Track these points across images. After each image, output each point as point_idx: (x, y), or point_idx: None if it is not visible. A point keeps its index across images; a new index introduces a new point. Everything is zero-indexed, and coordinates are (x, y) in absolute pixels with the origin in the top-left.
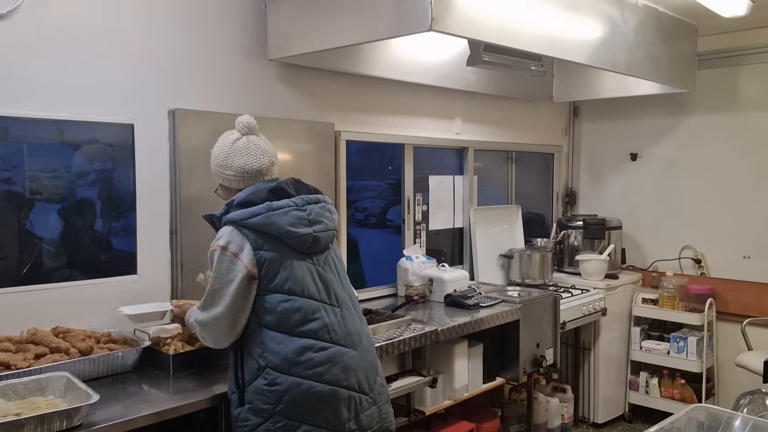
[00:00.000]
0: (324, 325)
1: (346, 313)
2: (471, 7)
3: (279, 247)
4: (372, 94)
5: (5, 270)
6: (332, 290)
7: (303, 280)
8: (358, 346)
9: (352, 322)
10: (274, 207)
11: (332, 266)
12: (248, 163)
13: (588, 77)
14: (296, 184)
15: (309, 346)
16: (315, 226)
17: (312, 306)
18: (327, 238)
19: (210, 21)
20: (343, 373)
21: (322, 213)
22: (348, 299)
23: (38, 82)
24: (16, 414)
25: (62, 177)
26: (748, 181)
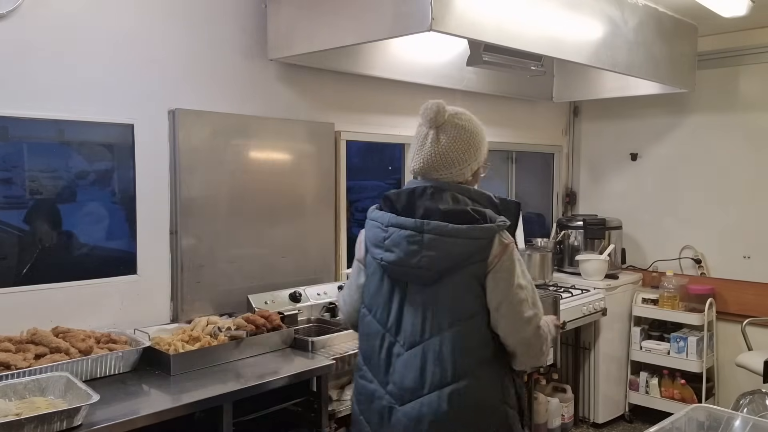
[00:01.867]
0: (372, 357)
1: (410, 360)
2: (471, 7)
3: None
4: (372, 94)
5: (5, 270)
6: (406, 326)
7: (377, 299)
8: (403, 402)
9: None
10: (372, 216)
11: (429, 303)
12: (412, 158)
13: (588, 77)
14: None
15: (359, 368)
16: (386, 254)
17: (372, 328)
18: (406, 274)
19: (210, 21)
20: (376, 417)
21: (402, 243)
22: (426, 351)
23: (38, 82)
24: (16, 414)
25: (62, 177)
26: (748, 181)
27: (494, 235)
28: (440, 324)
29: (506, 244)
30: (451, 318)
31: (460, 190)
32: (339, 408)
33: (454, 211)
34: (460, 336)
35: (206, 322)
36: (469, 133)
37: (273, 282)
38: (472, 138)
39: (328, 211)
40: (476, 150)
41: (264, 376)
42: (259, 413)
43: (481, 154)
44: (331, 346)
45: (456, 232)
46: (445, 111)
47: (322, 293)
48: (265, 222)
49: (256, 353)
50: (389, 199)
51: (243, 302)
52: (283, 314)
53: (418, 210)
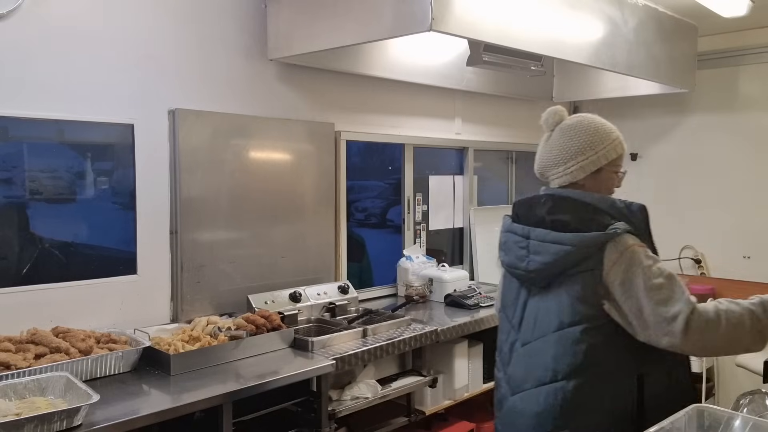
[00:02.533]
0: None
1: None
2: (471, 7)
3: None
4: (372, 94)
5: (5, 270)
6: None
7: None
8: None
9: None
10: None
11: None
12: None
13: (588, 77)
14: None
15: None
16: (504, 257)
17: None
18: (518, 276)
19: (210, 21)
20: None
21: (513, 247)
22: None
23: (38, 82)
24: (16, 414)
25: (62, 177)
26: (748, 181)
27: (604, 243)
28: (548, 326)
29: (622, 251)
30: (557, 321)
31: (578, 197)
32: (339, 408)
33: (563, 219)
34: (563, 340)
35: (206, 322)
36: (580, 131)
37: (273, 282)
38: (582, 136)
39: (328, 211)
40: (587, 148)
41: (264, 376)
42: (259, 413)
43: (598, 155)
44: (331, 346)
45: (559, 239)
46: (558, 114)
47: (322, 293)
48: (265, 222)
49: (256, 353)
50: (515, 205)
51: (243, 302)
52: (283, 314)
53: (532, 218)
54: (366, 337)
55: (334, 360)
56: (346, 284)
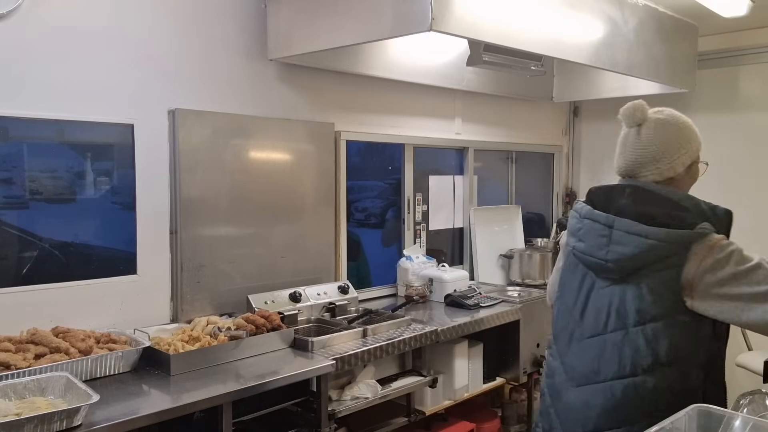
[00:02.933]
0: (559, 337)
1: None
2: (471, 7)
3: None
4: (372, 94)
5: (5, 270)
6: (591, 315)
7: (569, 285)
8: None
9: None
10: (574, 208)
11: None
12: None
13: (588, 77)
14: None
15: (549, 346)
16: (578, 243)
17: (561, 311)
18: (591, 264)
19: (210, 21)
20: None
21: (592, 235)
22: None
23: (38, 82)
24: (16, 414)
25: (62, 177)
26: (748, 181)
27: (690, 243)
28: (624, 321)
29: (711, 246)
30: (637, 317)
31: (662, 192)
32: (339, 408)
33: (649, 213)
34: (643, 335)
35: (206, 322)
36: (673, 125)
37: (273, 282)
38: (677, 130)
39: (328, 211)
40: (685, 142)
41: (264, 376)
42: (258, 413)
43: (693, 148)
44: (330, 346)
45: (645, 232)
46: (644, 108)
47: (322, 293)
48: (265, 222)
49: (256, 353)
50: (591, 193)
51: (243, 302)
52: (283, 314)
53: (613, 207)
54: (366, 337)
55: (334, 360)
56: (346, 284)
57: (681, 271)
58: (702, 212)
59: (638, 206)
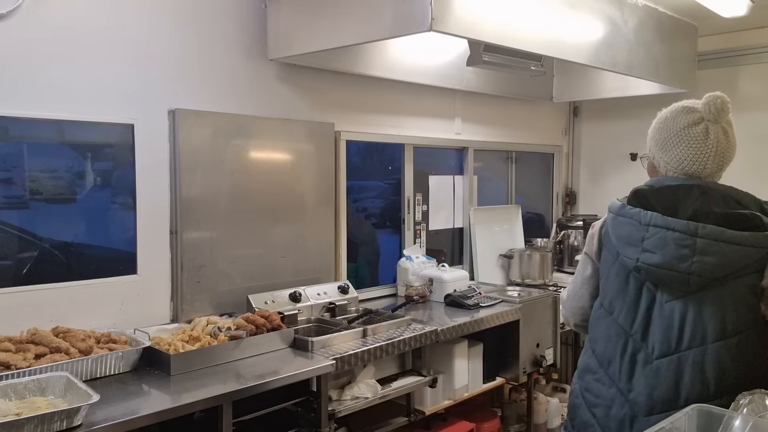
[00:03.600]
0: (612, 359)
1: (661, 369)
2: (471, 7)
3: (617, 255)
4: (372, 94)
5: (5, 270)
6: (657, 334)
7: (621, 299)
8: (649, 413)
9: (664, 385)
10: (621, 212)
11: (691, 311)
12: (688, 159)
13: (588, 77)
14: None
15: (591, 370)
16: (645, 255)
17: (613, 331)
18: (668, 277)
19: (210, 21)
20: (614, 423)
21: (670, 245)
22: (683, 362)
23: (38, 82)
24: (16, 414)
25: (62, 177)
26: (747, 181)
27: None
28: (704, 336)
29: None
30: (718, 330)
31: (728, 191)
32: (339, 408)
33: (731, 215)
34: (726, 350)
35: (206, 322)
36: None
37: (273, 282)
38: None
39: (328, 211)
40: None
41: (264, 376)
42: (258, 413)
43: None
44: (331, 346)
45: (736, 238)
46: (729, 104)
47: (322, 293)
48: (265, 222)
49: (256, 353)
50: (643, 195)
51: (243, 302)
52: (283, 314)
53: (686, 211)
54: (366, 337)
55: (334, 360)
56: (346, 284)
57: (760, 276)
58: (764, 210)
59: (718, 209)
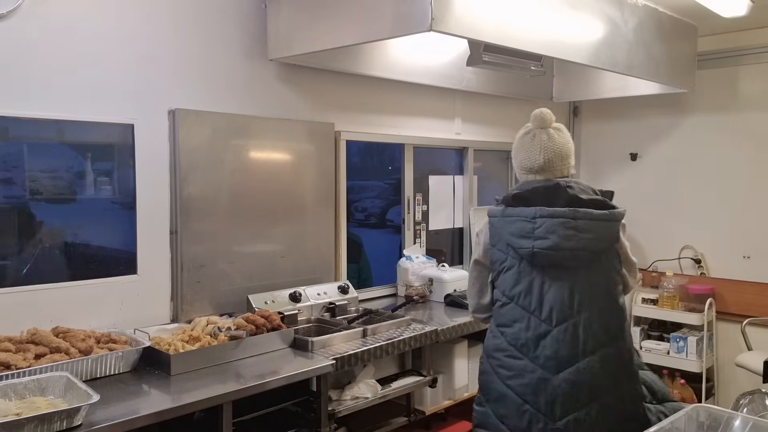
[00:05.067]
0: (519, 336)
1: (558, 336)
2: (471, 7)
3: (508, 249)
4: (372, 94)
5: (5, 270)
6: (552, 307)
7: (516, 287)
8: (556, 372)
9: (564, 347)
10: (506, 213)
11: (574, 283)
12: (524, 159)
13: (588, 77)
14: (552, 190)
15: (502, 349)
16: (538, 241)
17: (517, 314)
18: (559, 257)
19: (210, 21)
20: (527, 389)
21: (557, 229)
22: (578, 324)
23: (38, 82)
24: (16, 414)
25: (62, 177)
26: (747, 181)
27: (622, 218)
28: (589, 300)
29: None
30: (599, 293)
31: (579, 184)
32: (339, 408)
33: (593, 200)
34: (607, 307)
35: (206, 322)
36: (567, 132)
37: (273, 282)
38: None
39: (328, 211)
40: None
41: (264, 376)
42: (258, 413)
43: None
44: (330, 346)
45: (601, 216)
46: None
47: (322, 293)
48: (265, 222)
49: (256, 353)
50: (524, 196)
51: (243, 302)
52: (283, 314)
53: (561, 201)
54: (366, 337)
55: (334, 360)
56: (346, 284)
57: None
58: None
59: (584, 196)
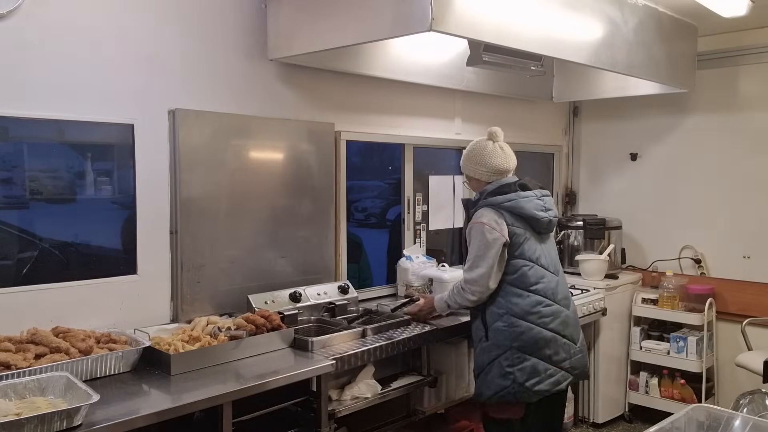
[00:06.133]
0: (548, 287)
1: (561, 281)
2: (471, 7)
3: (524, 225)
4: (372, 94)
5: (5, 270)
6: (554, 262)
7: (537, 251)
8: (570, 307)
9: (564, 288)
10: (522, 195)
11: (553, 245)
12: (500, 163)
13: (588, 77)
14: (531, 181)
15: (539, 302)
16: (549, 212)
17: (541, 272)
18: (554, 223)
19: (210, 21)
20: (561, 325)
21: (551, 204)
22: (561, 272)
23: (38, 82)
24: (16, 414)
25: (62, 177)
26: (747, 180)
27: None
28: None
29: None
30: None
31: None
32: (339, 408)
33: (541, 187)
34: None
35: (206, 322)
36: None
37: (273, 282)
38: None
39: (328, 211)
40: None
41: (264, 376)
42: (259, 413)
43: None
44: (330, 346)
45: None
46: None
47: (322, 293)
48: (265, 222)
49: (256, 353)
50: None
51: (243, 302)
52: (283, 314)
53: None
54: (366, 337)
55: (334, 360)
56: (346, 284)
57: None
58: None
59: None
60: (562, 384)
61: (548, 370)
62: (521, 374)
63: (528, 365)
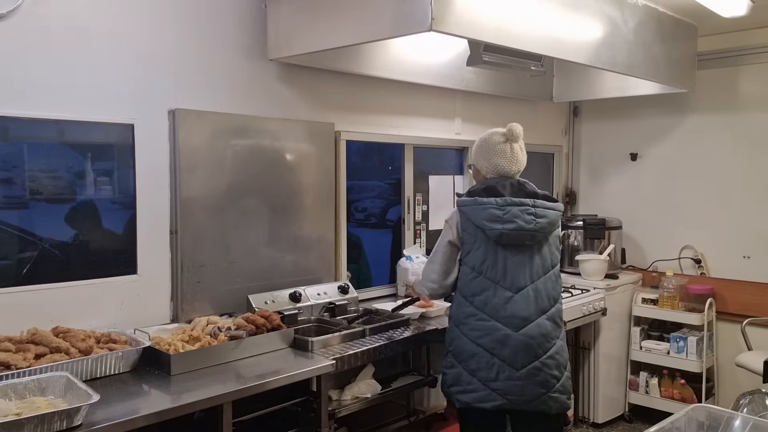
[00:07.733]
0: (490, 302)
1: (519, 299)
2: (471, 7)
3: (477, 232)
4: (372, 94)
5: (5, 270)
6: (513, 277)
7: (485, 262)
8: (518, 329)
9: (525, 308)
10: (478, 202)
11: (529, 259)
12: (501, 164)
13: (588, 77)
14: (516, 186)
15: (473, 314)
16: (506, 225)
17: (485, 284)
18: (521, 236)
19: (210, 21)
20: (495, 344)
21: (521, 215)
22: (532, 291)
23: (38, 82)
24: (16, 414)
25: (62, 177)
26: (748, 180)
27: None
28: (539, 272)
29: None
30: (547, 266)
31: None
32: (339, 408)
33: (546, 195)
34: (551, 277)
35: (206, 322)
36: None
37: (273, 282)
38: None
39: (328, 211)
40: None
41: (264, 376)
42: (259, 413)
43: None
44: (330, 346)
45: (552, 206)
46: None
47: (322, 293)
48: (265, 222)
49: (256, 353)
50: (494, 188)
51: (243, 302)
52: (283, 314)
53: (522, 194)
54: (366, 337)
55: (334, 360)
56: (346, 284)
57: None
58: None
59: (540, 192)
60: (487, 403)
61: (471, 384)
62: (448, 378)
63: (454, 371)
